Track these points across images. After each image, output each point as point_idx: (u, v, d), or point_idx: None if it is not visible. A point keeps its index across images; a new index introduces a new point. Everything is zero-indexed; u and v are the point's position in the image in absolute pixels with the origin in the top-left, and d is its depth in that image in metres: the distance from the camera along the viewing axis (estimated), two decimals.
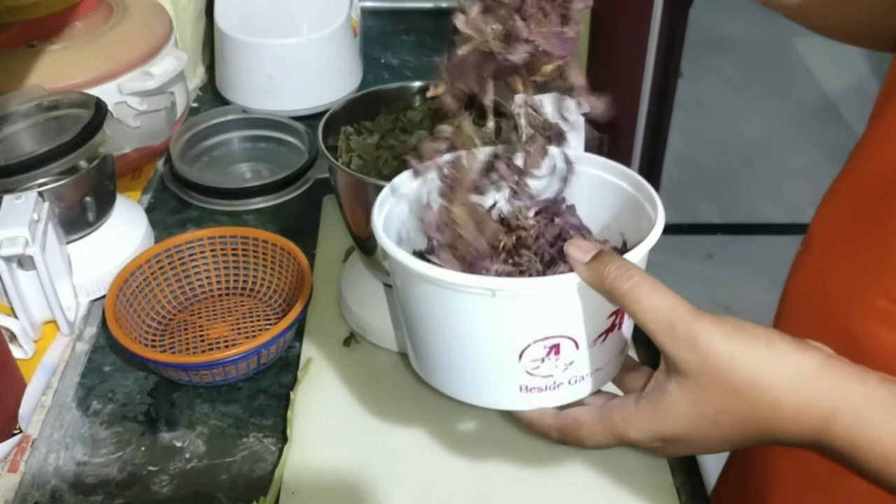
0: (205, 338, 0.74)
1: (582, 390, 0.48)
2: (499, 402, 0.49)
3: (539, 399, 0.48)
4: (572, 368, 0.47)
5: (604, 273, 0.42)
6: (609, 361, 0.48)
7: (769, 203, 2.42)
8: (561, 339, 0.45)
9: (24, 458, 0.64)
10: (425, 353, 0.50)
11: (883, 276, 0.50)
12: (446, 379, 0.50)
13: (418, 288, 0.46)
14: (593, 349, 0.47)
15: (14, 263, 0.69)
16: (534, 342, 0.45)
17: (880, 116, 0.53)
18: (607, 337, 0.47)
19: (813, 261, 0.59)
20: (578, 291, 0.44)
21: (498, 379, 0.47)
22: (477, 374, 0.48)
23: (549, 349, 0.45)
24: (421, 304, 0.47)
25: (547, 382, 0.47)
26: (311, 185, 0.92)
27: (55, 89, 0.80)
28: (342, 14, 1.04)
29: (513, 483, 0.61)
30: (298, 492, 0.61)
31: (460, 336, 0.46)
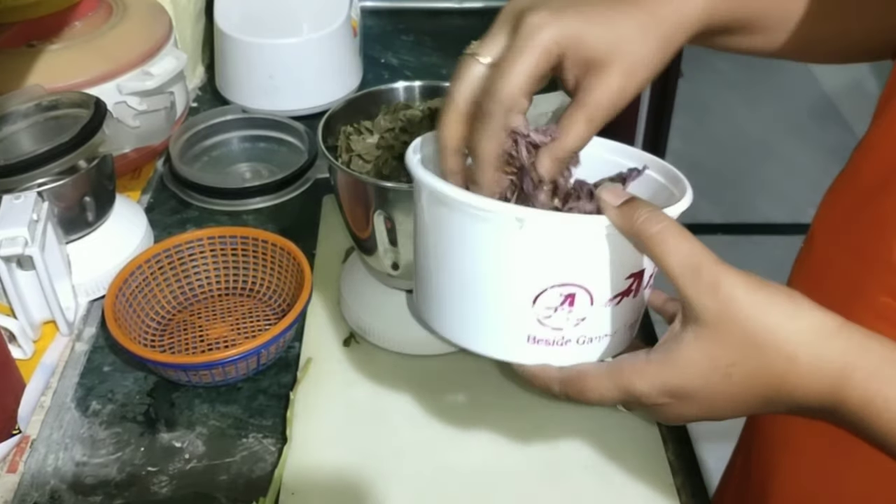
0: (204, 338, 0.74)
1: (587, 353, 0.47)
2: (504, 352, 0.47)
3: (544, 353, 0.46)
4: (583, 326, 0.45)
5: (634, 216, 0.42)
6: (618, 331, 0.47)
7: (769, 203, 2.42)
8: (578, 288, 0.44)
9: (24, 459, 0.64)
10: (435, 292, 0.48)
11: (884, 274, 0.50)
12: (452, 322, 0.48)
13: (443, 216, 0.45)
14: (606, 309, 0.45)
15: (13, 263, 0.69)
16: (551, 287, 0.43)
17: (882, 115, 0.53)
18: (622, 300, 0.45)
19: (814, 259, 0.59)
20: (606, 238, 0.43)
21: (507, 324, 0.46)
22: (486, 316, 0.46)
23: (565, 298, 0.44)
24: (443, 234, 0.45)
25: (555, 336, 0.45)
26: (311, 185, 0.92)
27: (55, 89, 0.80)
28: (342, 14, 1.04)
29: (513, 483, 0.61)
30: (298, 492, 0.61)
31: (479, 270, 0.45)
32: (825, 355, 0.39)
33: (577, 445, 0.63)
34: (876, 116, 0.53)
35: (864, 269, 0.52)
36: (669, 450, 0.64)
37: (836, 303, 0.54)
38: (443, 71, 1.14)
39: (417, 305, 0.51)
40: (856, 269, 0.52)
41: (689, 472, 0.63)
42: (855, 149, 0.55)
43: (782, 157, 2.59)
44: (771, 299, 0.40)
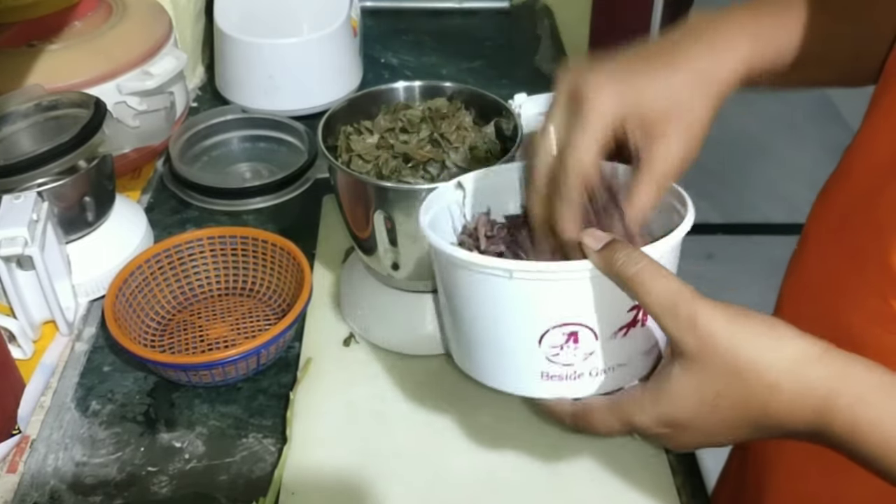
0: (204, 338, 0.74)
1: (603, 384, 0.49)
2: (521, 388, 0.50)
3: (560, 388, 0.49)
4: (592, 359, 0.48)
5: (613, 259, 0.43)
6: (633, 359, 0.49)
7: (769, 203, 2.42)
8: (578, 326, 0.46)
9: (23, 459, 0.64)
10: (459, 338, 0.53)
11: (873, 275, 0.50)
12: (475, 363, 0.52)
13: (451, 273, 0.49)
14: (614, 342, 0.47)
15: (13, 263, 0.69)
16: (552, 327, 0.46)
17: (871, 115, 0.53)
18: (629, 331, 0.47)
19: (807, 259, 0.59)
20: (592, 279, 0.45)
21: (520, 364, 0.49)
22: (501, 358, 0.50)
23: (568, 336, 0.46)
24: (454, 288, 0.50)
25: (567, 371, 0.48)
26: (311, 185, 0.92)
27: (54, 89, 0.80)
28: (342, 14, 1.04)
29: (513, 483, 0.61)
30: (298, 492, 0.61)
31: (485, 319, 0.49)
32: (808, 383, 0.40)
33: (577, 445, 0.63)
34: (867, 116, 0.53)
35: (857, 270, 0.52)
36: (669, 451, 0.64)
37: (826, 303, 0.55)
38: (443, 71, 1.14)
39: (451, 349, 0.55)
40: (848, 271, 0.53)
41: (689, 472, 0.63)
42: (847, 148, 0.55)
43: (782, 156, 2.59)
44: (750, 330, 0.41)
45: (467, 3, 1.29)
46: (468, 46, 1.20)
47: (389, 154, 0.67)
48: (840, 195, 0.56)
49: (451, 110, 0.69)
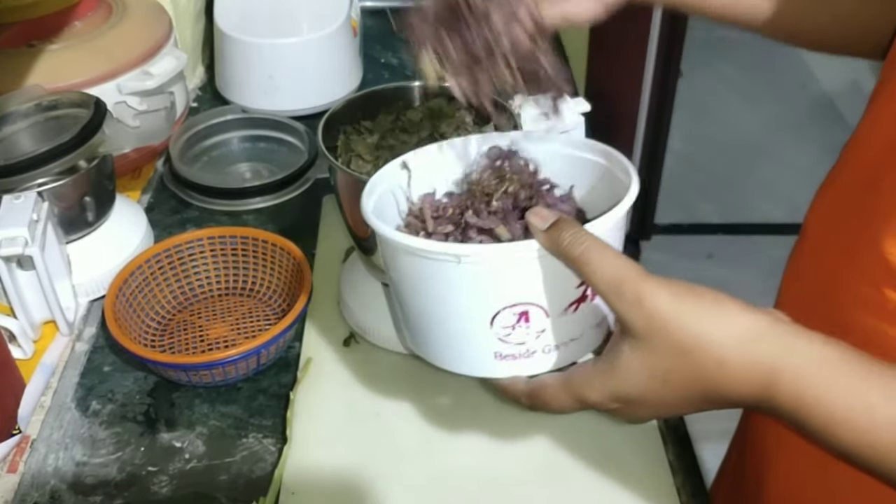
0: (204, 338, 0.74)
1: (557, 359, 0.49)
2: (476, 369, 0.50)
3: (514, 366, 0.49)
4: (544, 336, 0.48)
5: (559, 239, 0.44)
6: (585, 332, 0.49)
7: (769, 203, 2.42)
8: (528, 305, 0.46)
9: (24, 459, 0.64)
10: (411, 323, 0.52)
11: (867, 264, 0.50)
12: (429, 347, 0.52)
13: (398, 259, 0.49)
14: (564, 318, 0.47)
15: (13, 263, 0.69)
16: (503, 308, 0.46)
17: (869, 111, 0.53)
18: (579, 307, 0.47)
19: (805, 253, 0.59)
20: (540, 259, 0.45)
21: (473, 346, 0.49)
22: (454, 341, 0.49)
23: (519, 316, 0.46)
24: (402, 274, 0.49)
25: (520, 350, 0.48)
26: (311, 184, 0.92)
27: (55, 89, 0.80)
28: (342, 14, 1.04)
29: (513, 483, 0.61)
30: (298, 492, 0.61)
31: (435, 303, 0.48)
32: (753, 358, 0.40)
33: (576, 445, 0.63)
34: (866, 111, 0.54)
35: (851, 260, 0.52)
36: (669, 450, 0.64)
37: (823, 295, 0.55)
38: None
39: (403, 334, 0.55)
40: (843, 261, 0.53)
41: (689, 472, 0.63)
42: (845, 145, 0.56)
43: (782, 156, 2.59)
44: (696, 305, 0.41)
45: None
46: None
47: (389, 154, 0.67)
48: (836, 188, 0.56)
49: (450, 111, 0.69)
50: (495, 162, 0.56)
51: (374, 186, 0.55)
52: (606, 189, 0.53)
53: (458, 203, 0.55)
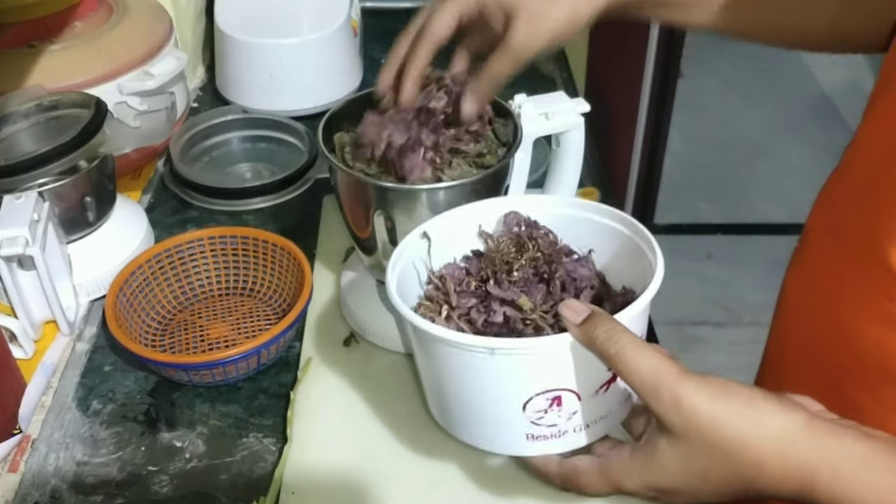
0: (205, 338, 0.74)
1: (588, 436, 0.50)
2: (507, 449, 0.52)
3: (546, 446, 0.50)
4: (576, 418, 0.49)
5: (593, 335, 0.45)
6: (613, 409, 0.50)
7: (769, 203, 2.42)
8: (562, 391, 0.47)
9: (24, 458, 0.64)
10: (441, 403, 0.54)
11: (874, 271, 0.50)
12: (459, 428, 0.53)
13: (430, 347, 0.49)
14: (595, 399, 0.48)
15: (14, 263, 0.69)
16: (535, 395, 0.47)
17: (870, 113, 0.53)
18: (609, 387, 0.48)
19: (808, 257, 0.59)
20: (573, 349, 0.46)
21: (505, 428, 0.50)
22: (486, 423, 0.51)
23: (551, 401, 0.47)
24: (433, 360, 0.50)
25: (552, 431, 0.49)
26: (312, 184, 0.92)
27: (55, 89, 0.80)
28: (342, 14, 1.04)
29: (513, 483, 0.61)
30: (298, 492, 0.61)
31: (468, 389, 0.50)
32: (789, 461, 0.41)
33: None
34: (865, 114, 0.54)
35: (857, 267, 0.52)
36: None
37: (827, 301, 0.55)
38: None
39: (432, 411, 0.56)
40: (848, 267, 0.53)
41: None
42: (847, 147, 0.55)
43: (781, 156, 2.59)
44: (731, 409, 0.42)
45: None
46: None
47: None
48: (839, 193, 0.56)
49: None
50: (513, 229, 0.57)
51: (397, 261, 0.55)
52: (627, 257, 0.54)
53: (478, 272, 0.56)
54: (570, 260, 0.56)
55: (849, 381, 0.55)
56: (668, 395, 0.42)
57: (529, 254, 0.55)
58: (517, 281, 0.54)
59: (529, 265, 0.55)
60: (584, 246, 0.57)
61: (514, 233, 0.57)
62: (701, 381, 0.43)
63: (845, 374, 0.55)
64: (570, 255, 0.56)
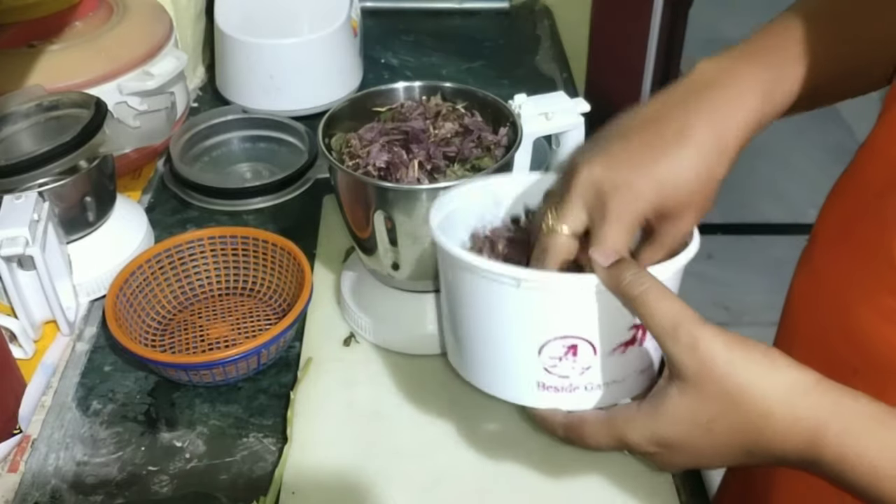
0: (205, 338, 0.74)
1: (598, 399, 0.50)
2: (517, 397, 0.51)
3: (555, 399, 0.50)
4: (589, 374, 0.48)
5: (620, 277, 0.44)
6: (629, 377, 0.50)
7: (769, 203, 2.42)
8: (578, 340, 0.47)
9: (24, 458, 0.64)
10: (459, 340, 0.53)
11: (886, 273, 0.50)
12: (473, 369, 0.53)
13: (458, 275, 0.49)
14: (611, 358, 0.48)
15: (14, 263, 0.69)
16: (553, 339, 0.47)
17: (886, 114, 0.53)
18: (627, 349, 0.48)
19: (817, 257, 0.59)
20: (598, 294, 0.46)
21: (518, 372, 0.49)
22: (500, 364, 0.50)
23: (568, 349, 0.47)
24: (459, 290, 0.50)
25: (563, 383, 0.49)
26: (312, 185, 0.92)
27: (55, 89, 0.80)
28: (342, 14, 1.04)
29: (514, 483, 0.61)
30: (298, 491, 0.61)
31: (487, 323, 0.49)
32: (799, 413, 0.41)
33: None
34: (881, 116, 0.53)
35: (867, 267, 0.52)
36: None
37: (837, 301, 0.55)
38: (443, 71, 1.15)
39: (450, 353, 0.56)
40: (858, 268, 0.53)
41: (689, 471, 0.63)
42: (859, 148, 0.55)
43: (782, 157, 2.59)
44: (747, 357, 0.42)
45: (467, 3, 1.29)
46: (468, 47, 1.20)
47: None
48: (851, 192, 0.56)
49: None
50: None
51: (446, 203, 0.55)
52: None
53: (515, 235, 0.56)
54: None
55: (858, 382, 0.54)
56: (687, 337, 0.42)
57: None
58: None
59: None
60: None
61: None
62: (720, 329, 0.42)
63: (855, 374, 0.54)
64: None
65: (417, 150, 0.63)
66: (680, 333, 0.42)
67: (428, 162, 0.63)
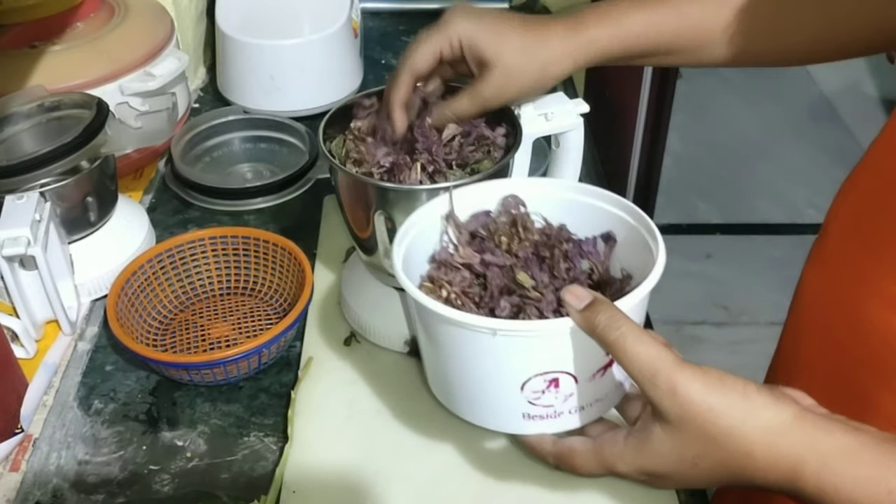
0: (206, 337, 0.74)
1: (582, 418, 0.51)
2: (504, 427, 0.53)
3: (541, 425, 0.51)
4: (572, 399, 0.49)
5: (594, 321, 0.45)
6: (609, 393, 0.51)
7: (767, 203, 2.42)
8: (559, 374, 0.48)
9: (26, 458, 0.64)
10: (441, 380, 0.54)
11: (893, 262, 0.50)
12: (458, 404, 0.54)
13: (434, 324, 0.50)
14: (592, 383, 0.49)
15: (16, 263, 0.69)
16: (534, 376, 0.48)
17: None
18: (606, 371, 0.49)
19: (828, 250, 0.59)
20: (573, 333, 0.47)
21: (502, 407, 0.50)
22: (484, 401, 0.51)
23: (549, 382, 0.48)
24: (436, 338, 0.51)
25: (548, 411, 0.50)
26: (312, 185, 0.92)
27: (57, 90, 0.81)
28: (343, 15, 1.04)
29: (513, 482, 0.62)
30: (299, 491, 0.61)
31: (467, 367, 0.50)
32: (778, 451, 0.42)
33: None
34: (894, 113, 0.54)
35: (879, 260, 0.52)
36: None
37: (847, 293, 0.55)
38: None
39: (431, 386, 0.57)
40: (870, 262, 0.53)
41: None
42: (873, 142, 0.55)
43: (780, 157, 2.59)
44: (725, 400, 0.43)
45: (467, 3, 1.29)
46: None
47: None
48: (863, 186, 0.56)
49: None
50: (511, 210, 0.57)
51: (403, 238, 0.56)
52: (630, 245, 0.54)
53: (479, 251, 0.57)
54: (570, 243, 0.56)
55: (864, 374, 0.55)
56: (665, 384, 0.43)
57: (530, 233, 0.56)
58: (518, 257, 0.55)
59: (530, 244, 0.55)
60: (584, 231, 0.57)
61: (511, 214, 0.57)
62: (697, 371, 0.44)
63: (861, 366, 0.55)
64: (569, 239, 0.56)
65: (420, 151, 0.63)
66: (658, 380, 0.44)
67: (430, 164, 0.63)
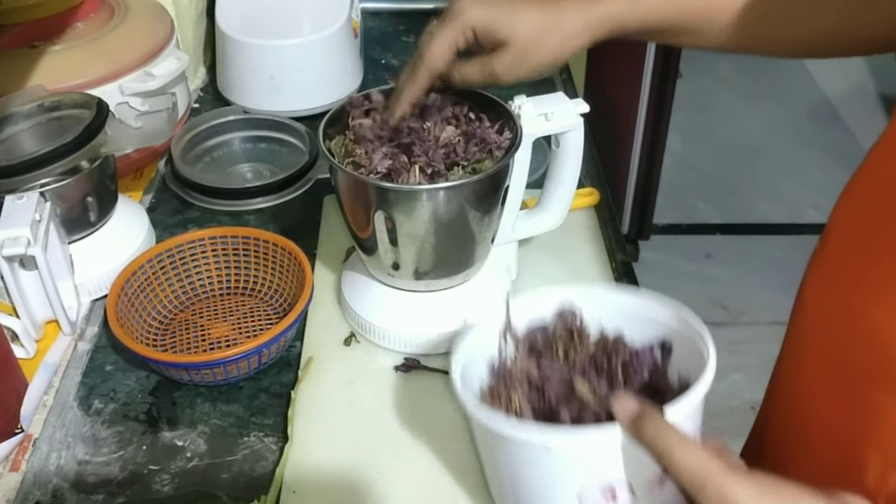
0: (206, 337, 0.74)
1: None
2: None
3: None
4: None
5: (643, 431, 0.46)
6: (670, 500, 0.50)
7: (767, 203, 2.42)
8: (615, 484, 0.48)
9: (26, 458, 0.64)
10: (499, 488, 0.55)
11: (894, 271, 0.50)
12: None
13: (488, 438, 0.51)
14: (652, 493, 0.49)
15: (16, 263, 0.69)
16: (589, 487, 0.48)
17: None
18: (665, 482, 0.49)
19: (830, 255, 0.59)
20: (624, 443, 0.47)
21: None
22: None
23: (605, 492, 0.48)
24: (490, 449, 0.53)
25: None
26: (312, 185, 0.92)
27: (57, 90, 0.81)
28: (343, 15, 1.04)
29: None
30: (299, 490, 0.61)
31: (523, 479, 0.51)
32: None
33: None
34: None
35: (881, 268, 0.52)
36: None
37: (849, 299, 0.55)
38: None
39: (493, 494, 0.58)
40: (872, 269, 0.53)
41: None
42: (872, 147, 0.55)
43: (781, 158, 2.59)
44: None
45: None
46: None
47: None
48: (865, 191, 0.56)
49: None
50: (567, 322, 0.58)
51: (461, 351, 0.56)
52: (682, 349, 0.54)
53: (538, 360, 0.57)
54: (627, 354, 0.56)
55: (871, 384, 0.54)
56: (714, 492, 0.43)
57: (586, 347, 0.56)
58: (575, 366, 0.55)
59: (586, 354, 0.56)
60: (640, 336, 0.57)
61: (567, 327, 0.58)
62: (748, 479, 0.43)
63: (868, 376, 0.54)
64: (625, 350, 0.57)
65: (418, 154, 0.63)
66: (708, 489, 0.43)
67: (428, 166, 0.63)
